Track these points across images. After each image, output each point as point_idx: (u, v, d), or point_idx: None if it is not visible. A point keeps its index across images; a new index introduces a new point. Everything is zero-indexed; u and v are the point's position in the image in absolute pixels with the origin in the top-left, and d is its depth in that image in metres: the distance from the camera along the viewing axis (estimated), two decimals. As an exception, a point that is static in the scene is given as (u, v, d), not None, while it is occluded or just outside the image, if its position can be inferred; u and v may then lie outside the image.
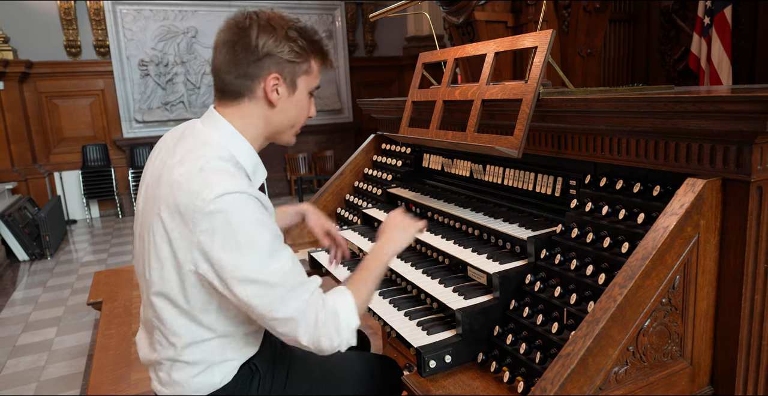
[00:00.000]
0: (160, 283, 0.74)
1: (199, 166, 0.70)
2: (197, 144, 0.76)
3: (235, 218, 0.67)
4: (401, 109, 1.32)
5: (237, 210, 0.68)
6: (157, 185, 0.74)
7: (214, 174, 0.70)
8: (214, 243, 0.67)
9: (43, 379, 2.00)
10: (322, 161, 6.05)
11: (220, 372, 0.81)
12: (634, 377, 0.68)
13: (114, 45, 4.96)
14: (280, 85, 0.77)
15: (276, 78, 0.76)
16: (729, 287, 0.71)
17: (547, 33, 0.89)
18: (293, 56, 0.76)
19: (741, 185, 0.67)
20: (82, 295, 2.94)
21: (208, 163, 0.71)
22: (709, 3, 2.66)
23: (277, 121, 0.80)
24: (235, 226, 0.67)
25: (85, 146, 4.95)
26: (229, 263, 0.68)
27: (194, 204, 0.67)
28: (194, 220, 0.67)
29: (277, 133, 0.82)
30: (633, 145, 0.79)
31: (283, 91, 0.77)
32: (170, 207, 0.70)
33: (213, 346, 0.78)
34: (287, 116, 0.80)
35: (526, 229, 0.93)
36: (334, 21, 6.00)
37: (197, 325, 0.77)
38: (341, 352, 0.76)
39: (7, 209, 3.77)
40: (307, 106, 0.82)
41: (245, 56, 0.75)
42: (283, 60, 0.76)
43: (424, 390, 0.75)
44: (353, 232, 1.32)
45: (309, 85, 0.80)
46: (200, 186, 0.68)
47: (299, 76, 0.78)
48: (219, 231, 0.67)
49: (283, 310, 0.70)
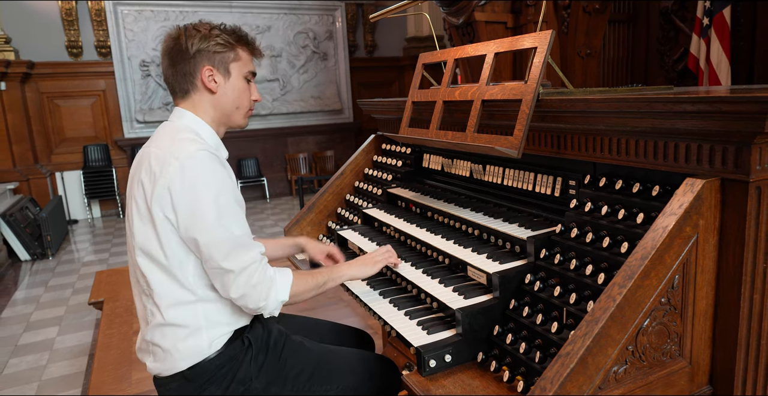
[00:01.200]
0: (141, 239, 0.84)
1: (170, 139, 0.86)
2: (167, 131, 0.90)
3: (198, 168, 0.80)
4: (401, 109, 1.32)
5: (199, 162, 0.81)
6: (138, 164, 0.88)
7: (181, 141, 0.84)
8: (178, 189, 0.80)
9: (44, 379, 2.01)
10: (323, 161, 6.05)
11: (208, 336, 0.84)
12: (633, 376, 0.68)
13: (115, 45, 4.98)
14: (215, 74, 0.90)
15: (209, 69, 0.90)
16: (728, 287, 0.71)
17: (547, 34, 0.90)
18: (219, 48, 0.89)
19: (740, 185, 0.67)
20: (83, 295, 2.95)
21: (177, 135, 0.86)
22: (708, 4, 2.67)
23: (222, 104, 0.93)
24: (197, 175, 0.80)
25: (87, 146, 4.96)
26: (188, 211, 0.80)
27: (166, 160, 0.82)
28: (163, 172, 0.81)
29: (227, 116, 0.94)
30: (632, 146, 0.79)
31: (219, 78, 0.91)
32: (147, 169, 0.83)
33: (197, 309, 0.85)
34: (229, 99, 0.93)
35: (525, 229, 0.93)
36: (335, 22, 6.01)
37: (179, 286, 0.84)
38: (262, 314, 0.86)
39: (8, 209, 3.78)
40: (245, 89, 0.94)
41: (181, 58, 0.90)
42: (211, 52, 0.89)
43: (424, 389, 0.75)
44: (353, 231, 1.32)
45: (242, 70, 0.93)
46: (171, 149, 0.83)
47: (230, 63, 0.91)
48: (184, 177, 0.80)
49: (226, 262, 0.81)
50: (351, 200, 1.56)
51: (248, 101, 0.96)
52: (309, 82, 5.98)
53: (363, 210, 1.37)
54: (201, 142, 0.85)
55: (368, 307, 0.99)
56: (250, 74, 0.95)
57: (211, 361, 0.84)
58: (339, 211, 1.57)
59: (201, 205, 0.80)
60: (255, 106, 0.99)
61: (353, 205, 1.54)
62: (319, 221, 1.55)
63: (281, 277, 0.87)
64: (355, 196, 1.56)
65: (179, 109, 0.93)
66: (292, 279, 0.87)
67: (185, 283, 0.84)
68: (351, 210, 1.53)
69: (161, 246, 0.83)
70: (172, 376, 0.85)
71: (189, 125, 0.90)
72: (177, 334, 0.83)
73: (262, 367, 0.87)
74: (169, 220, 0.81)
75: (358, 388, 0.93)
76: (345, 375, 0.93)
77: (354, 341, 1.14)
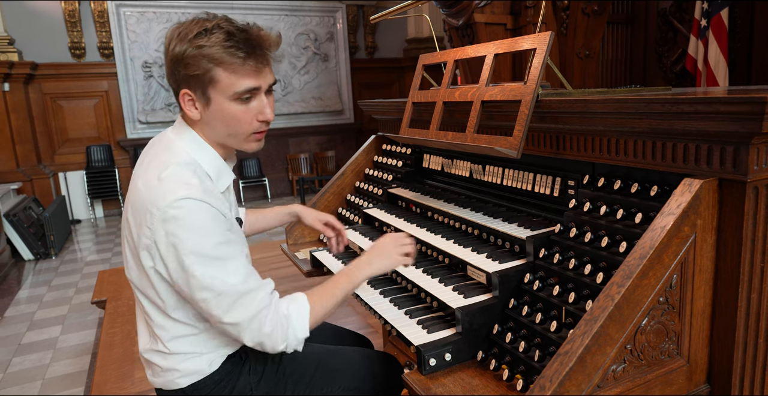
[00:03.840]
0: (137, 280, 0.80)
1: (157, 175, 0.74)
2: (162, 149, 0.79)
3: (180, 225, 0.70)
4: (402, 110, 1.33)
5: (181, 217, 0.70)
6: (129, 191, 0.79)
7: (169, 182, 0.72)
8: (163, 246, 0.72)
9: (47, 377, 2.02)
10: (324, 162, 6.07)
11: (209, 358, 0.84)
12: (631, 375, 0.68)
13: (118, 47, 5.00)
14: (195, 99, 0.76)
15: (187, 93, 0.75)
16: (726, 286, 0.71)
17: (546, 35, 0.90)
18: (192, 69, 0.72)
19: (737, 185, 0.67)
20: (86, 294, 2.96)
21: (165, 170, 0.74)
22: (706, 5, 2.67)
23: (211, 132, 0.79)
24: (178, 234, 0.70)
25: (90, 147, 4.98)
26: (176, 268, 0.72)
27: (150, 211, 0.72)
28: (145, 221, 0.72)
29: (223, 143, 0.81)
30: (631, 146, 0.79)
31: (199, 105, 0.76)
32: (134, 212, 0.75)
33: (199, 339, 0.82)
34: (216, 128, 0.78)
35: (525, 229, 0.94)
36: (336, 23, 6.03)
37: (176, 322, 0.80)
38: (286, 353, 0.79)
39: (12, 209, 3.80)
40: (237, 114, 0.76)
41: (167, 70, 0.76)
42: (184, 73, 0.73)
43: (424, 388, 0.76)
44: (354, 231, 1.33)
45: (226, 94, 0.74)
46: (155, 194, 0.72)
47: (207, 88, 0.74)
48: (166, 234, 0.71)
49: (228, 317, 0.74)
50: (352, 200, 1.56)
51: (246, 125, 0.77)
52: (310, 83, 5.99)
53: (364, 210, 1.38)
54: (194, 184, 0.72)
55: (368, 306, 1.00)
56: (246, 92, 0.75)
57: (209, 377, 0.83)
58: (340, 211, 1.58)
59: (188, 264, 0.71)
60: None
61: (354, 205, 1.55)
62: (321, 221, 1.55)
63: (296, 310, 0.78)
64: (355, 196, 1.57)
65: (180, 123, 0.81)
66: (309, 308, 0.79)
67: (186, 320, 0.80)
68: (352, 210, 1.54)
69: (155, 290, 0.77)
70: (172, 391, 0.84)
71: (185, 148, 0.78)
72: (177, 358, 0.82)
73: (261, 377, 0.87)
74: (159, 273, 0.75)
75: (361, 387, 0.92)
76: (346, 375, 0.92)
77: (353, 345, 1.13)
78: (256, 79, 0.77)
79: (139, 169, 0.79)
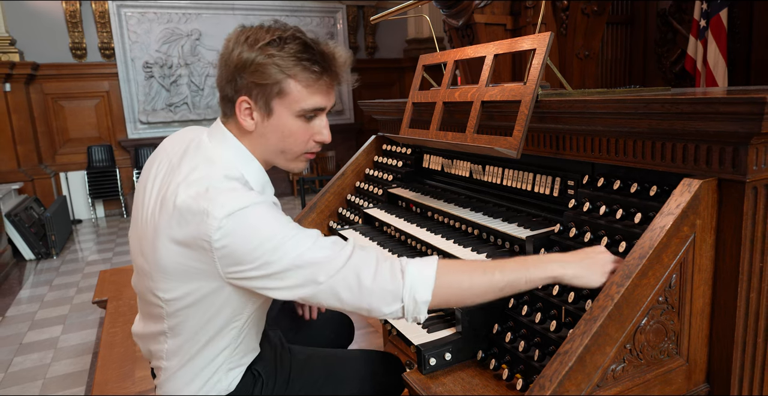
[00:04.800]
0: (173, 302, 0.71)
1: (205, 187, 0.66)
2: (203, 161, 0.71)
3: (250, 225, 0.64)
4: (402, 110, 1.33)
5: (249, 219, 0.64)
6: (162, 206, 0.69)
7: (219, 193, 0.65)
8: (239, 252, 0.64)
9: (49, 377, 2.02)
10: (324, 162, 6.07)
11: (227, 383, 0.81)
12: (631, 374, 0.68)
13: (119, 47, 5.01)
14: (253, 109, 0.71)
15: (246, 101, 0.70)
16: (725, 286, 0.72)
17: (546, 35, 0.90)
18: (260, 77, 0.68)
19: (736, 185, 0.68)
20: (87, 294, 2.97)
21: (213, 182, 0.67)
22: (705, 6, 2.68)
23: (261, 147, 0.74)
24: (252, 230, 0.64)
25: (91, 147, 4.99)
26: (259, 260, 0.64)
27: (207, 229, 0.63)
28: (209, 245, 0.64)
29: (270, 160, 0.76)
30: (630, 146, 0.80)
31: (257, 116, 0.71)
32: (178, 240, 0.66)
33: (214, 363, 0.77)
34: (269, 142, 0.73)
35: (524, 229, 0.94)
36: (336, 23, 6.03)
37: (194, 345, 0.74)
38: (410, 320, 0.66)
39: (13, 209, 3.81)
40: (296, 131, 0.73)
41: (224, 75, 0.71)
42: (252, 82, 0.69)
43: (425, 387, 0.76)
44: (355, 231, 1.33)
45: (292, 109, 0.71)
46: (208, 207, 0.64)
47: (272, 99, 0.70)
48: (240, 242, 0.64)
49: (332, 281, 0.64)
50: (352, 200, 1.57)
51: (302, 144, 0.74)
52: (311, 83, 6.00)
53: (364, 210, 1.38)
54: (244, 191, 0.66)
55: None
56: (311, 111, 0.72)
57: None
58: (340, 211, 1.58)
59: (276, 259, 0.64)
60: None
61: (354, 205, 1.55)
62: (321, 221, 1.56)
63: (414, 267, 0.65)
64: (356, 196, 1.57)
65: (224, 130, 0.74)
66: (435, 270, 0.65)
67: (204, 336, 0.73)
68: (352, 210, 1.54)
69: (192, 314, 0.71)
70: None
71: (231, 160, 0.71)
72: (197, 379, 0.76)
73: (272, 392, 0.85)
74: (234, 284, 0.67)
75: (365, 389, 0.93)
76: (352, 380, 0.93)
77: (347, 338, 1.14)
78: (325, 97, 0.73)
79: (174, 179, 0.70)
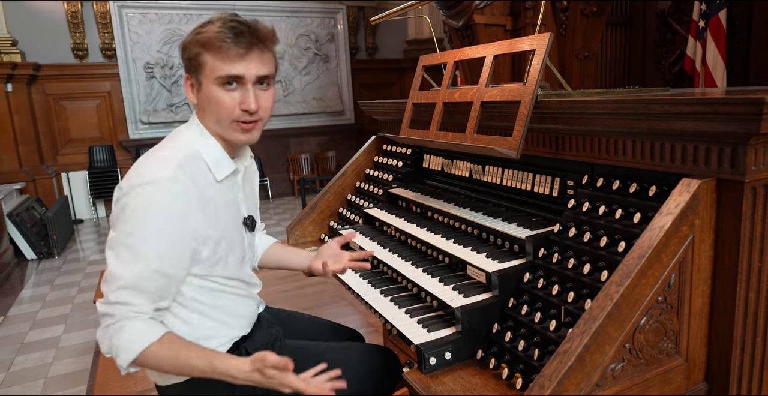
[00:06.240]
0: None
1: (147, 160, 0.79)
2: (167, 142, 0.84)
3: (132, 205, 0.74)
4: (402, 110, 1.33)
5: (140, 198, 0.74)
6: None
7: (150, 163, 0.78)
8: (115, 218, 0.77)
9: (50, 376, 2.03)
10: (325, 162, 6.08)
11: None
12: (630, 374, 0.69)
13: (120, 48, 5.02)
14: (193, 85, 0.82)
15: (188, 78, 0.82)
16: (723, 286, 0.72)
17: (545, 36, 0.91)
18: (188, 53, 0.79)
19: (735, 185, 0.68)
20: (88, 293, 2.98)
21: (156, 151, 0.80)
22: (704, 6, 2.69)
23: (205, 119, 0.84)
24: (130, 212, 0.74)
25: (92, 147, 5.00)
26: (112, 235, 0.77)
27: (120, 184, 0.78)
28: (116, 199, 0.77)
29: (216, 132, 0.83)
30: (629, 146, 0.80)
31: (195, 90, 0.82)
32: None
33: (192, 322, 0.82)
34: (206, 113, 0.82)
35: (524, 229, 0.94)
36: (336, 24, 6.04)
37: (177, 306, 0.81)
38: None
39: (15, 209, 3.82)
40: (221, 100, 0.79)
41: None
42: (186, 59, 0.81)
43: (425, 386, 0.76)
44: (355, 231, 1.34)
45: (210, 77, 0.78)
46: (133, 169, 0.78)
47: (198, 72, 0.80)
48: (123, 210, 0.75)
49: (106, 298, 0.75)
50: (352, 200, 1.57)
51: (228, 111, 0.79)
52: (311, 83, 6.00)
53: (364, 210, 1.39)
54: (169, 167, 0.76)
55: (369, 305, 1.00)
56: (229, 78, 0.77)
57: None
58: (341, 210, 1.59)
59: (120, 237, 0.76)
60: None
61: (355, 205, 1.56)
62: (321, 221, 1.56)
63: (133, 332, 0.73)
64: (356, 196, 1.58)
65: (193, 113, 0.87)
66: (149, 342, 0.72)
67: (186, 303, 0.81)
68: (352, 210, 1.54)
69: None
70: (170, 385, 0.84)
71: (189, 138, 0.83)
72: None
73: None
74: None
75: (361, 381, 0.93)
76: (347, 371, 0.93)
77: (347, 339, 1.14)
78: (240, 66, 0.78)
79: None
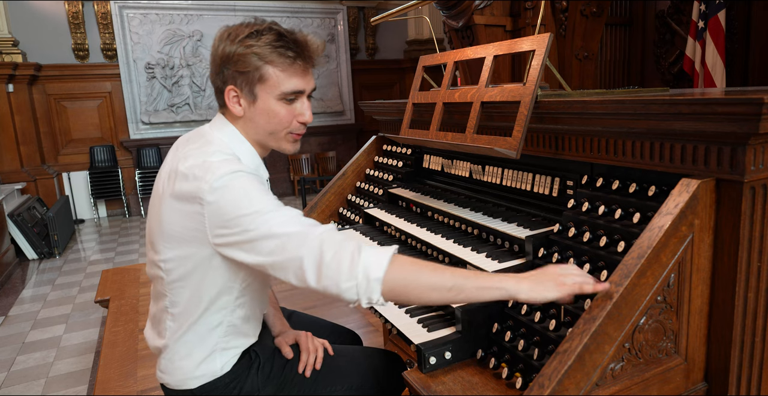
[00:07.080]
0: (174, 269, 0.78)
1: (202, 160, 0.76)
2: (203, 143, 0.81)
3: (237, 187, 0.72)
4: (402, 111, 1.34)
5: (237, 182, 0.72)
6: (167, 179, 0.79)
7: (213, 163, 0.74)
8: (224, 212, 0.71)
9: (51, 376, 2.04)
10: (325, 162, 6.08)
11: (221, 359, 0.83)
12: (629, 373, 0.69)
13: (121, 48, 5.03)
14: (240, 96, 0.80)
15: (233, 90, 0.79)
16: (723, 285, 0.72)
17: (545, 36, 0.91)
18: (242, 65, 0.77)
19: (734, 185, 0.68)
20: (89, 293, 2.98)
21: (208, 157, 0.76)
22: (704, 7, 2.69)
23: (252, 130, 0.82)
24: (239, 193, 0.71)
25: (93, 147, 5.01)
26: (239, 226, 0.71)
27: (200, 188, 0.72)
28: (201, 201, 0.72)
29: (262, 142, 0.84)
30: (629, 146, 0.80)
31: (244, 102, 0.80)
32: (178, 195, 0.75)
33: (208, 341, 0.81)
34: (258, 125, 0.81)
35: (524, 229, 0.94)
36: (337, 25, 6.04)
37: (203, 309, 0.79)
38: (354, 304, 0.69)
39: (16, 209, 3.83)
40: (280, 114, 0.80)
41: (213, 69, 0.80)
42: (233, 70, 0.77)
43: (425, 386, 0.76)
44: (355, 231, 1.34)
45: (272, 93, 0.79)
46: (203, 173, 0.73)
47: (255, 85, 0.78)
48: (227, 200, 0.71)
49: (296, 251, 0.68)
50: (353, 200, 1.57)
51: (286, 124, 0.81)
52: (312, 83, 6.01)
53: (364, 210, 1.39)
54: (238, 163, 0.76)
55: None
56: (291, 94, 0.79)
57: (220, 379, 0.83)
58: (341, 210, 1.59)
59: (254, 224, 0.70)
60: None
61: (355, 205, 1.56)
62: (322, 221, 1.56)
63: (371, 251, 0.68)
64: (356, 196, 1.58)
65: (221, 120, 0.83)
66: (390, 259, 0.67)
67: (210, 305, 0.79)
68: (353, 210, 1.55)
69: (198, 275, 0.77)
70: (181, 391, 0.84)
71: (226, 142, 0.81)
72: (192, 355, 0.81)
73: (268, 376, 0.87)
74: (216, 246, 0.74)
75: (365, 385, 0.93)
76: (351, 374, 0.93)
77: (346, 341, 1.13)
78: (302, 80, 0.81)
79: (176, 159, 0.79)
